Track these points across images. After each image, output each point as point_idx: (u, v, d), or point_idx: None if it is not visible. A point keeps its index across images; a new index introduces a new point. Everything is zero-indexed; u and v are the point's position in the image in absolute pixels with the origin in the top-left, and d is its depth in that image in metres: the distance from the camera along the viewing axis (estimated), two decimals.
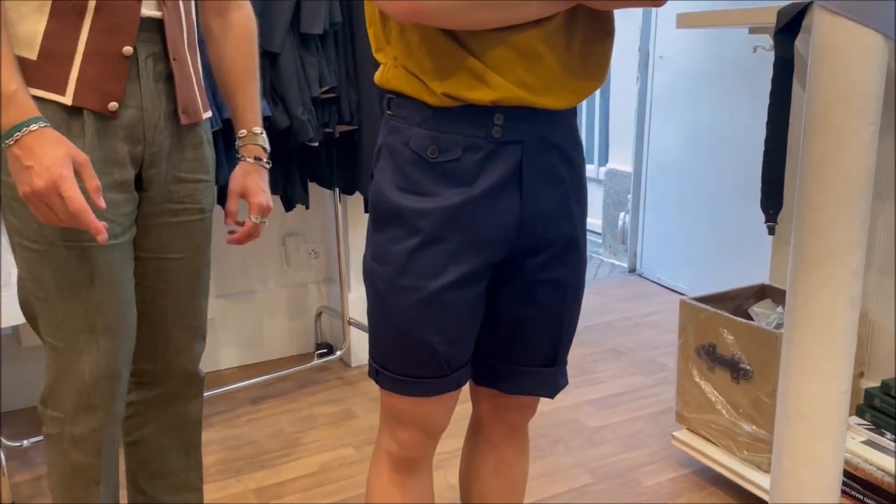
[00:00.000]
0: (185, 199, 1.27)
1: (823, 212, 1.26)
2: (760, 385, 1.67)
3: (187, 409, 1.41)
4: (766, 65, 2.73)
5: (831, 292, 1.29)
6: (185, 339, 1.34)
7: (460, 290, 0.95)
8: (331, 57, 2.04)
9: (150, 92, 1.17)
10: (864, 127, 1.21)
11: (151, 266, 1.27)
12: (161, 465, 1.40)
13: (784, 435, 1.38)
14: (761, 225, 2.86)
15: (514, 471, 1.21)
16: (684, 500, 1.78)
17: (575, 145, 1.02)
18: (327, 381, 2.48)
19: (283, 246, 2.62)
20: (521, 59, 0.90)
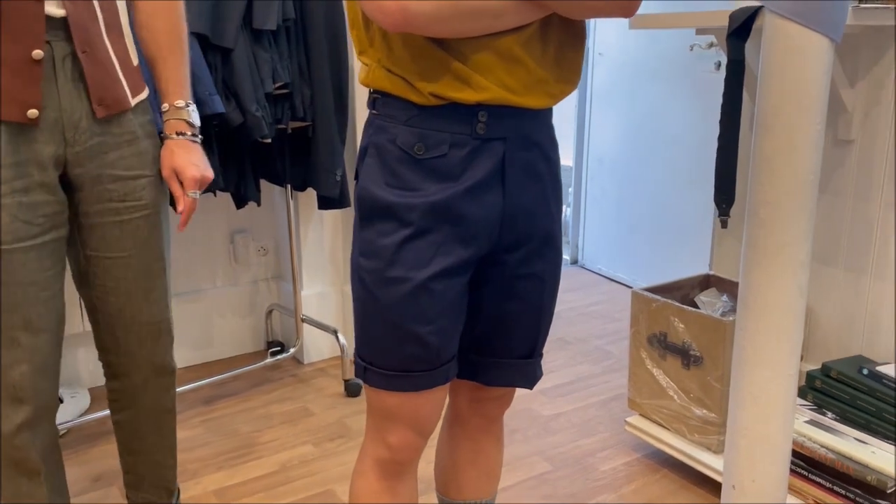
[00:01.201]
0: (126, 196, 1.26)
1: (774, 206, 1.34)
2: (710, 370, 1.75)
3: (159, 399, 1.44)
4: (703, 62, 2.85)
5: (782, 282, 1.37)
6: (146, 334, 1.35)
7: (447, 280, 0.98)
8: (283, 53, 2.02)
9: (68, 92, 1.16)
10: (812, 125, 1.29)
11: (100, 265, 1.28)
12: (139, 445, 1.47)
13: (738, 417, 1.46)
14: (699, 216, 2.99)
15: (490, 460, 1.25)
16: (639, 483, 1.85)
17: (552, 144, 1.06)
18: (281, 380, 2.46)
19: (232, 244, 2.58)
20: (501, 63, 0.93)
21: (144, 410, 1.44)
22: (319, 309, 2.56)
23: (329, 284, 2.60)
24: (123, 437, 1.48)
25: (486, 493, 1.26)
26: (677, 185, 3.08)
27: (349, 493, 1.13)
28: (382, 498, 1.10)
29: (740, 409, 1.46)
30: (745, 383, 1.44)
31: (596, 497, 1.80)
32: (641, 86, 3.18)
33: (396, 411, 1.04)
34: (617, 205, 3.42)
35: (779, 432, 1.44)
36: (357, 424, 2.15)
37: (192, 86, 1.78)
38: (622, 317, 3.00)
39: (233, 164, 2.08)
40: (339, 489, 1.84)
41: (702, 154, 2.92)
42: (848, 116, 1.68)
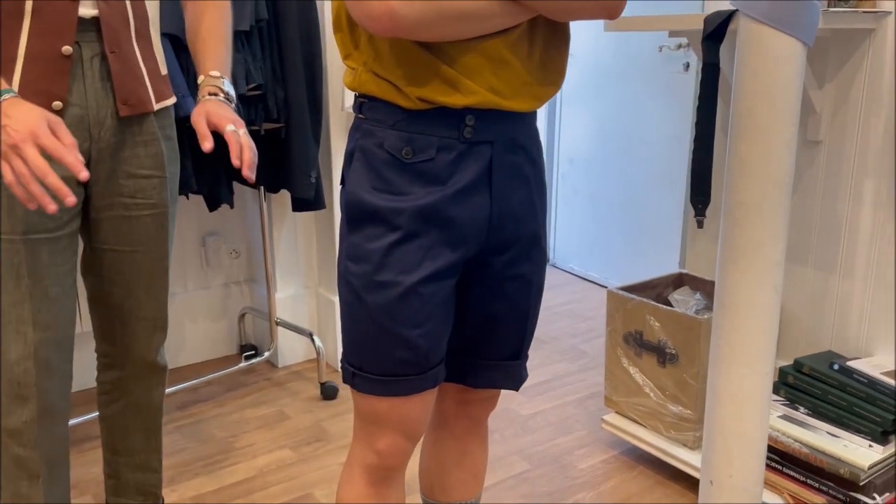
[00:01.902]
0: (137, 194, 1.29)
1: (749, 206, 1.37)
2: (685, 368, 1.78)
3: (148, 395, 1.46)
4: (672, 63, 2.89)
5: (757, 281, 1.39)
6: (142, 328, 1.38)
7: (436, 283, 0.98)
8: (257, 54, 2.00)
9: (95, 90, 1.20)
10: (786, 127, 1.32)
11: (106, 257, 1.32)
12: (124, 443, 1.47)
13: (715, 414, 1.49)
14: (669, 216, 3.03)
15: (476, 462, 1.25)
16: (617, 480, 1.87)
17: (537, 147, 1.06)
18: (255, 384, 2.43)
19: (203, 246, 2.55)
20: (489, 65, 0.94)
21: (133, 404, 1.45)
22: (293, 312, 2.54)
23: (303, 287, 2.58)
24: (109, 434, 1.47)
25: (471, 494, 1.27)
26: (647, 185, 3.12)
27: (336, 500, 1.13)
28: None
29: (717, 405, 1.48)
30: (722, 380, 1.46)
31: (575, 495, 1.81)
32: (611, 87, 3.21)
33: (385, 416, 1.03)
34: (588, 205, 3.45)
35: (755, 428, 1.47)
36: (334, 428, 2.14)
37: None
38: (595, 315, 3.03)
39: (205, 166, 2.06)
40: (319, 493, 1.83)
41: (671, 154, 2.96)
42: (817, 117, 1.72)
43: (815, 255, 1.78)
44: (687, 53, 2.82)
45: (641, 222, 3.17)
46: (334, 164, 2.38)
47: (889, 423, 1.49)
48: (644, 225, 3.16)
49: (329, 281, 2.53)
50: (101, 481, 1.86)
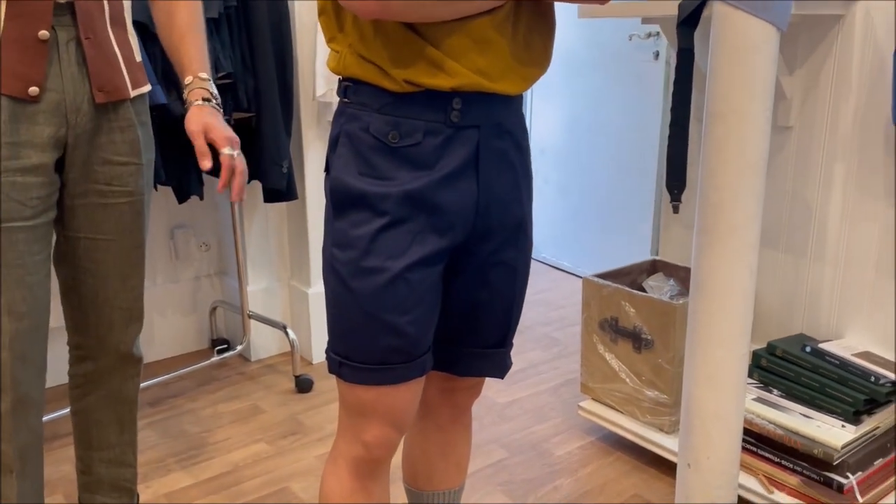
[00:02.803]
0: (112, 181, 1.27)
1: (725, 190, 1.37)
2: (661, 353, 1.79)
3: (122, 387, 1.43)
4: (642, 52, 2.91)
5: (733, 264, 1.40)
6: (117, 318, 1.36)
7: (424, 269, 0.97)
8: (226, 42, 1.96)
9: (71, 75, 1.18)
10: (761, 112, 1.33)
11: (80, 245, 1.29)
12: (98, 438, 1.44)
13: (692, 397, 1.50)
14: (640, 204, 3.05)
15: (458, 451, 1.24)
16: (594, 466, 1.88)
17: (523, 132, 1.05)
18: (227, 378, 2.40)
19: (172, 240, 2.50)
20: (475, 46, 0.92)
21: (107, 397, 1.42)
22: (266, 305, 2.51)
23: (275, 279, 2.55)
24: (82, 429, 1.44)
25: (455, 483, 1.26)
26: (618, 174, 3.14)
27: (320, 494, 1.10)
28: (357, 498, 1.07)
29: (694, 389, 1.50)
30: (699, 364, 1.48)
31: (553, 481, 1.82)
32: (581, 75, 3.22)
33: (373, 406, 1.01)
34: (559, 194, 3.46)
35: (732, 410, 1.48)
36: (310, 421, 2.12)
37: None
38: (567, 304, 3.04)
39: (174, 157, 2.02)
40: (296, 486, 1.81)
41: (642, 143, 2.98)
42: (787, 103, 1.74)
43: (786, 240, 1.80)
44: (657, 42, 2.84)
45: (612, 211, 3.19)
46: (306, 154, 2.35)
47: (861, 403, 1.52)
48: (615, 213, 3.18)
49: (302, 273, 2.50)
50: (72, 479, 1.82)
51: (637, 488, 1.78)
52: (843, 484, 1.48)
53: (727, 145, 1.36)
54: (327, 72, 2.19)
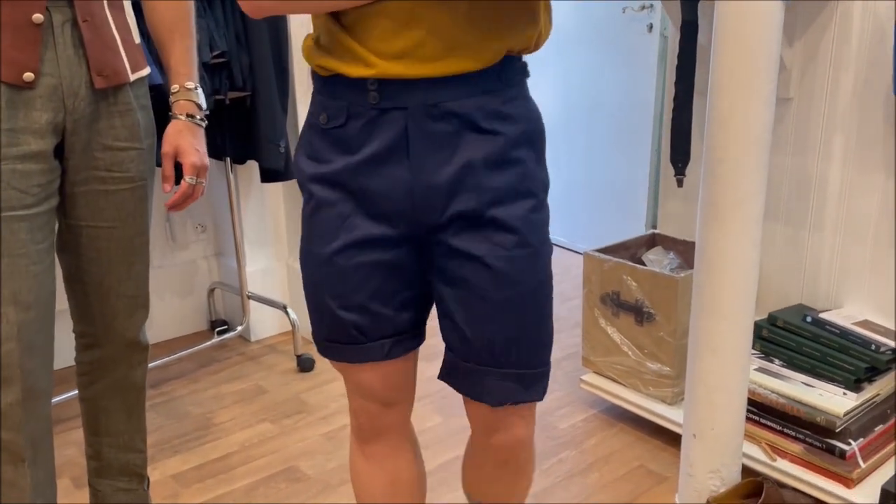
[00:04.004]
0: (113, 167, 1.25)
1: (730, 163, 1.38)
2: (663, 325, 1.81)
3: (130, 374, 1.43)
4: (635, 24, 2.90)
5: (738, 237, 1.42)
6: (122, 306, 1.35)
7: (354, 256, 0.96)
8: (219, 20, 1.93)
9: (68, 59, 1.15)
10: (766, 84, 1.33)
11: (83, 234, 1.28)
12: (106, 425, 1.44)
13: (697, 369, 1.52)
14: (634, 178, 3.06)
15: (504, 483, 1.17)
16: (598, 438, 1.90)
17: (494, 115, 0.93)
18: (228, 359, 2.40)
19: (168, 222, 2.49)
20: (398, 28, 0.86)
21: (114, 384, 1.42)
22: (265, 285, 2.51)
23: (274, 259, 2.54)
24: (90, 415, 1.44)
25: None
26: (612, 148, 3.14)
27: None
28: (357, 459, 1.15)
29: (699, 360, 1.51)
30: (704, 335, 1.49)
31: (558, 454, 1.84)
32: (574, 49, 3.21)
33: (347, 380, 1.07)
34: (553, 169, 3.46)
35: (736, 381, 1.50)
36: (314, 399, 2.13)
37: None
38: (563, 279, 3.05)
39: None
40: (303, 464, 1.82)
41: (636, 116, 2.98)
42: (786, 74, 1.74)
43: (785, 211, 1.81)
44: (650, 14, 2.83)
45: (607, 185, 3.19)
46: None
47: (861, 371, 1.55)
48: (610, 188, 3.18)
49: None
50: (78, 463, 1.82)
51: (641, 459, 1.81)
52: (844, 450, 1.51)
53: (732, 118, 1.36)
54: None
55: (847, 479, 1.49)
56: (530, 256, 0.97)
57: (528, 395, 1.01)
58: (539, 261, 0.98)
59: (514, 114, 0.94)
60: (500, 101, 0.93)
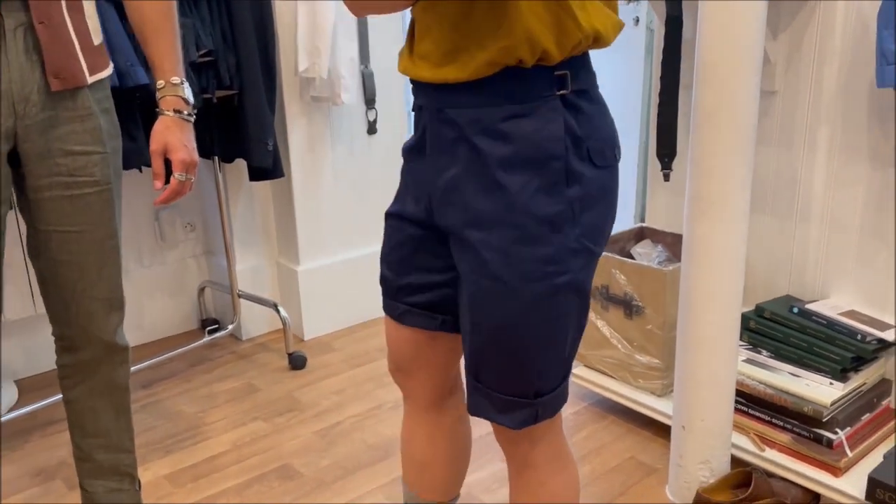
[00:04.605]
0: (76, 171, 1.25)
1: (716, 157, 1.39)
2: (652, 319, 1.82)
3: (112, 375, 1.43)
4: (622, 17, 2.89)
5: (724, 230, 1.43)
6: (97, 308, 1.34)
7: (397, 223, 1.08)
8: (205, 19, 1.93)
9: (19, 64, 1.15)
10: (749, 77, 1.34)
11: (53, 239, 1.27)
12: (94, 425, 1.43)
13: (686, 361, 1.53)
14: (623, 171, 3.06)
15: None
16: (589, 430, 1.92)
17: (487, 131, 0.91)
18: (220, 358, 2.40)
19: (157, 221, 2.48)
20: (422, 32, 0.93)
21: (97, 386, 1.42)
22: (254, 283, 2.50)
23: (264, 257, 2.54)
24: (77, 417, 1.44)
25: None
26: None
27: None
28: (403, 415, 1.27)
29: (688, 353, 1.53)
30: (692, 328, 1.51)
31: None
32: None
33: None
34: None
35: (725, 373, 1.52)
36: (306, 397, 2.13)
37: (112, 57, 1.69)
38: None
39: None
40: (297, 462, 1.83)
41: (624, 110, 2.99)
42: (771, 68, 1.75)
43: (772, 203, 1.83)
44: (636, 8, 2.83)
45: None
46: (290, 131, 2.33)
47: (848, 361, 1.56)
48: None
49: (290, 250, 2.50)
50: (69, 464, 1.82)
51: (632, 450, 1.82)
52: (832, 440, 1.53)
53: (717, 113, 1.37)
54: (310, 46, 2.16)
55: (835, 467, 1.51)
56: (498, 293, 0.93)
57: (500, 419, 1.00)
58: (512, 296, 0.92)
59: (511, 133, 0.90)
60: (499, 117, 0.90)
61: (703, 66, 1.36)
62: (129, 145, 1.84)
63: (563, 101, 0.90)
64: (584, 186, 0.92)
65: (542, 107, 0.89)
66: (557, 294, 0.93)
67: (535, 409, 0.99)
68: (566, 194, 0.91)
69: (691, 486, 1.57)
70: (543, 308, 0.93)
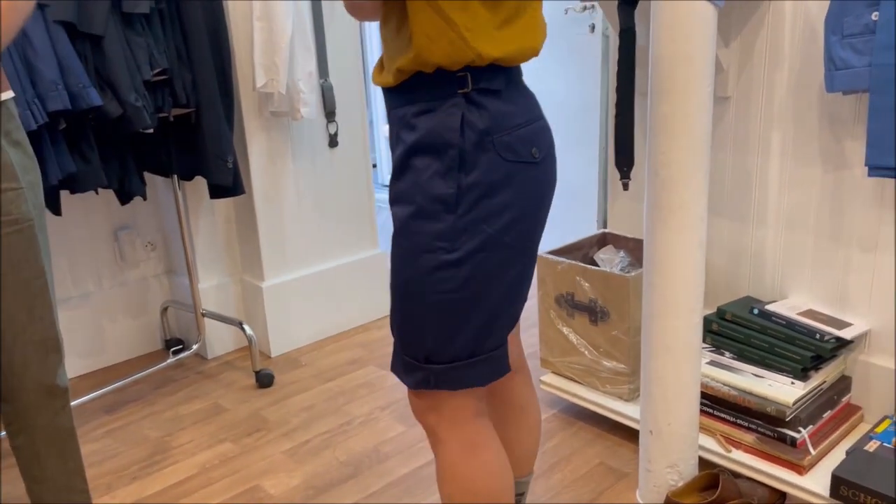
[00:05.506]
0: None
1: (673, 166, 1.41)
2: (617, 324, 1.84)
3: (54, 421, 1.37)
4: (577, 25, 2.93)
5: (684, 237, 1.45)
6: (32, 353, 1.29)
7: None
8: (158, 37, 1.90)
9: None
10: (703, 88, 1.36)
11: None
12: (41, 472, 1.38)
13: (651, 367, 1.55)
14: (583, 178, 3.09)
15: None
16: (559, 438, 1.93)
17: (405, 124, 1.07)
18: (185, 378, 2.36)
19: (116, 241, 2.44)
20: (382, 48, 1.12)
21: (40, 433, 1.36)
22: (218, 301, 2.47)
23: (227, 275, 2.51)
24: (24, 463, 1.39)
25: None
26: (561, 148, 3.15)
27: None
28: None
29: (653, 359, 1.54)
30: (656, 334, 1.52)
31: None
32: None
33: None
34: None
35: (690, 378, 1.54)
36: (274, 416, 2.11)
37: (64, 78, 1.66)
38: None
39: (114, 159, 1.96)
40: (266, 483, 1.81)
41: (582, 117, 3.02)
42: (724, 75, 1.78)
43: (728, 207, 1.86)
44: (592, 15, 2.87)
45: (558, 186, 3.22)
46: (250, 147, 2.31)
47: (808, 360, 1.60)
48: (559, 189, 3.21)
49: (254, 267, 2.47)
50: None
51: (601, 456, 1.84)
52: (795, 438, 1.56)
53: (673, 122, 1.39)
54: (267, 61, 2.14)
55: (799, 466, 1.54)
56: (399, 258, 1.08)
57: (402, 377, 1.13)
58: (409, 263, 1.06)
59: (417, 124, 1.04)
60: (413, 112, 1.05)
61: (658, 75, 1.38)
62: (83, 167, 1.81)
63: (466, 98, 1.02)
64: (484, 175, 1.02)
65: (445, 103, 1.02)
66: (447, 268, 1.04)
67: (426, 374, 1.09)
68: (460, 179, 1.02)
69: (661, 490, 1.59)
70: (434, 279, 1.04)
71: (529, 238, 1.11)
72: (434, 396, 1.13)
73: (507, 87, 1.07)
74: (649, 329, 1.52)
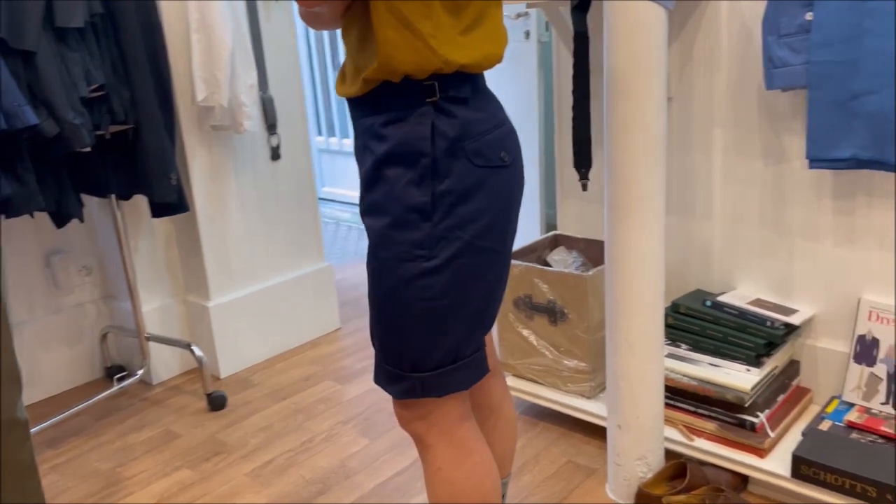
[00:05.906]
0: None
1: (630, 165, 1.45)
2: (576, 323, 1.87)
3: (14, 456, 1.29)
4: (513, 32, 2.97)
5: (643, 234, 1.49)
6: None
7: None
8: (94, 52, 1.82)
9: None
10: (657, 88, 1.41)
11: None
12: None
13: (616, 363, 1.58)
14: (526, 183, 3.13)
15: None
16: (524, 439, 1.94)
17: (373, 134, 1.06)
18: (131, 406, 2.27)
19: (48, 267, 2.32)
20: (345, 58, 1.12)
21: (1, 470, 1.28)
22: (163, 324, 2.39)
23: (169, 296, 2.42)
24: None
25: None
26: None
27: None
28: None
29: (617, 355, 1.58)
30: (620, 331, 1.56)
31: None
32: None
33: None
34: None
35: (654, 372, 1.58)
36: (230, 438, 2.05)
37: None
38: None
39: (50, 180, 1.86)
40: None
41: (522, 123, 3.06)
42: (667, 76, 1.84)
43: (675, 203, 1.92)
44: (526, 22, 2.91)
45: None
46: (190, 162, 2.24)
47: (761, 347, 1.66)
48: None
49: (199, 287, 2.39)
50: None
51: (568, 454, 1.86)
52: (754, 423, 1.62)
53: (630, 122, 1.43)
54: (207, 75, 2.09)
55: (759, 449, 1.60)
56: (378, 269, 1.07)
57: (388, 388, 1.12)
58: (390, 273, 1.05)
59: (387, 134, 1.04)
60: (381, 122, 1.05)
61: (613, 77, 1.41)
62: (19, 190, 1.72)
63: (435, 107, 1.03)
64: (457, 182, 1.03)
65: (413, 112, 1.03)
66: (429, 276, 1.04)
67: (412, 383, 1.09)
68: (434, 187, 1.02)
69: (631, 483, 1.62)
70: (416, 288, 1.04)
71: (504, 240, 1.12)
72: (421, 405, 1.12)
73: (474, 95, 1.08)
74: (613, 325, 1.56)
